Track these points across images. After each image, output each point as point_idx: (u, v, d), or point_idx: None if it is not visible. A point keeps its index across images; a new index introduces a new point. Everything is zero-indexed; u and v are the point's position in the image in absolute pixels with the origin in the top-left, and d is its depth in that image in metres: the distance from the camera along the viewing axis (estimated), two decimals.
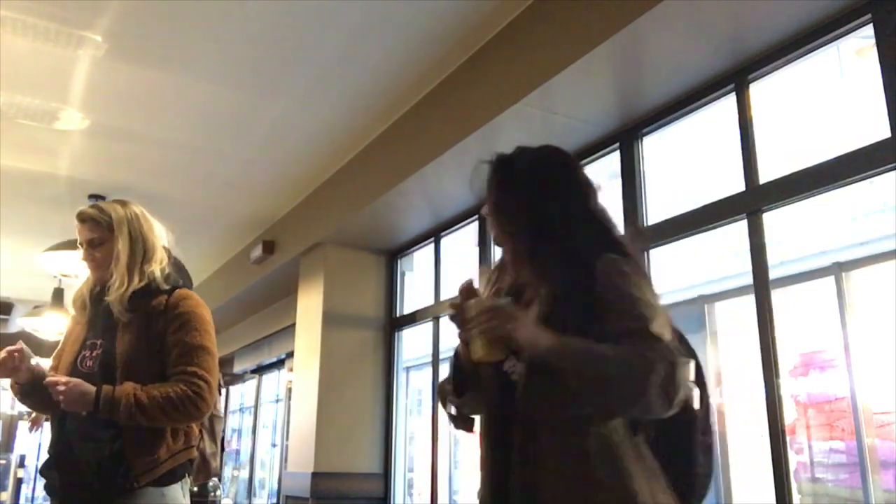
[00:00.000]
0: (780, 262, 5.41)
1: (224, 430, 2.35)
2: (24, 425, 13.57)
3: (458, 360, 1.47)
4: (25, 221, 5.98)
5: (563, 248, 1.36)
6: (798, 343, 5.38)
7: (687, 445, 1.36)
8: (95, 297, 2.08)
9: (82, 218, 2.07)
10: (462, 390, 1.47)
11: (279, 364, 7.34)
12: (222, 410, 2.20)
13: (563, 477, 1.26)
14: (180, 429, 1.96)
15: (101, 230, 2.04)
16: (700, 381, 1.35)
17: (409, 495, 5.26)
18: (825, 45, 2.60)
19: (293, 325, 5.66)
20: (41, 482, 1.97)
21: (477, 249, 4.42)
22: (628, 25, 2.55)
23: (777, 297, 2.59)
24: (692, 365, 1.27)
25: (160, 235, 2.13)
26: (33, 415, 6.24)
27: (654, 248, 3.13)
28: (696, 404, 1.33)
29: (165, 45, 3.48)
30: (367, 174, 4.54)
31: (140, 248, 2.04)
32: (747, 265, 2.66)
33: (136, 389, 1.85)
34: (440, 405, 1.57)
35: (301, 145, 4.57)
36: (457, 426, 1.51)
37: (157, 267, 2.05)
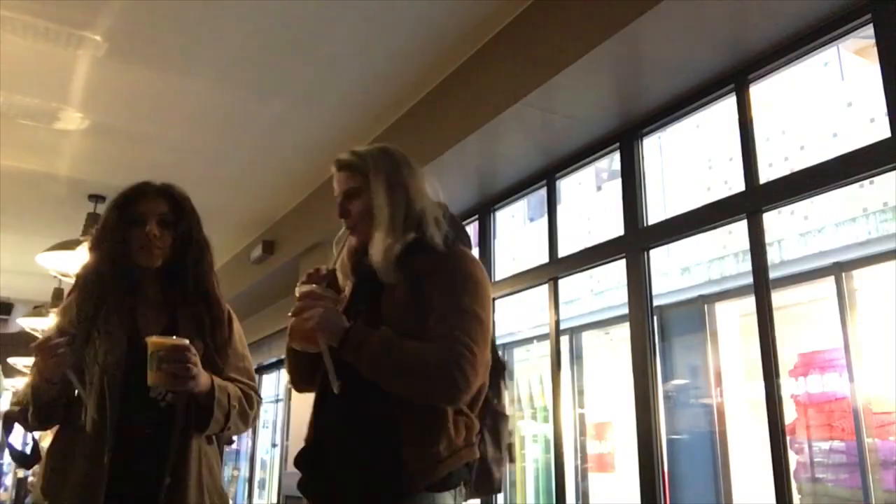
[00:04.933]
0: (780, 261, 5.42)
1: (510, 434, 1.74)
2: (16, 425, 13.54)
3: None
4: (25, 221, 5.98)
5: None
6: (798, 343, 5.38)
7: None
8: (357, 261, 1.78)
9: (339, 166, 1.79)
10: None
11: (279, 364, 7.33)
12: (505, 406, 1.68)
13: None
14: (461, 418, 1.51)
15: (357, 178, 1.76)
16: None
17: None
18: (825, 45, 2.60)
19: None
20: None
21: (477, 249, 4.42)
22: (628, 25, 2.55)
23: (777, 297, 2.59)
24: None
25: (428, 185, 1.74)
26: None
27: (654, 247, 3.13)
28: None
29: (165, 45, 3.49)
30: None
31: (402, 199, 1.68)
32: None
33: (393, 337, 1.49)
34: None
35: (301, 145, 4.57)
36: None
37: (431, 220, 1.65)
